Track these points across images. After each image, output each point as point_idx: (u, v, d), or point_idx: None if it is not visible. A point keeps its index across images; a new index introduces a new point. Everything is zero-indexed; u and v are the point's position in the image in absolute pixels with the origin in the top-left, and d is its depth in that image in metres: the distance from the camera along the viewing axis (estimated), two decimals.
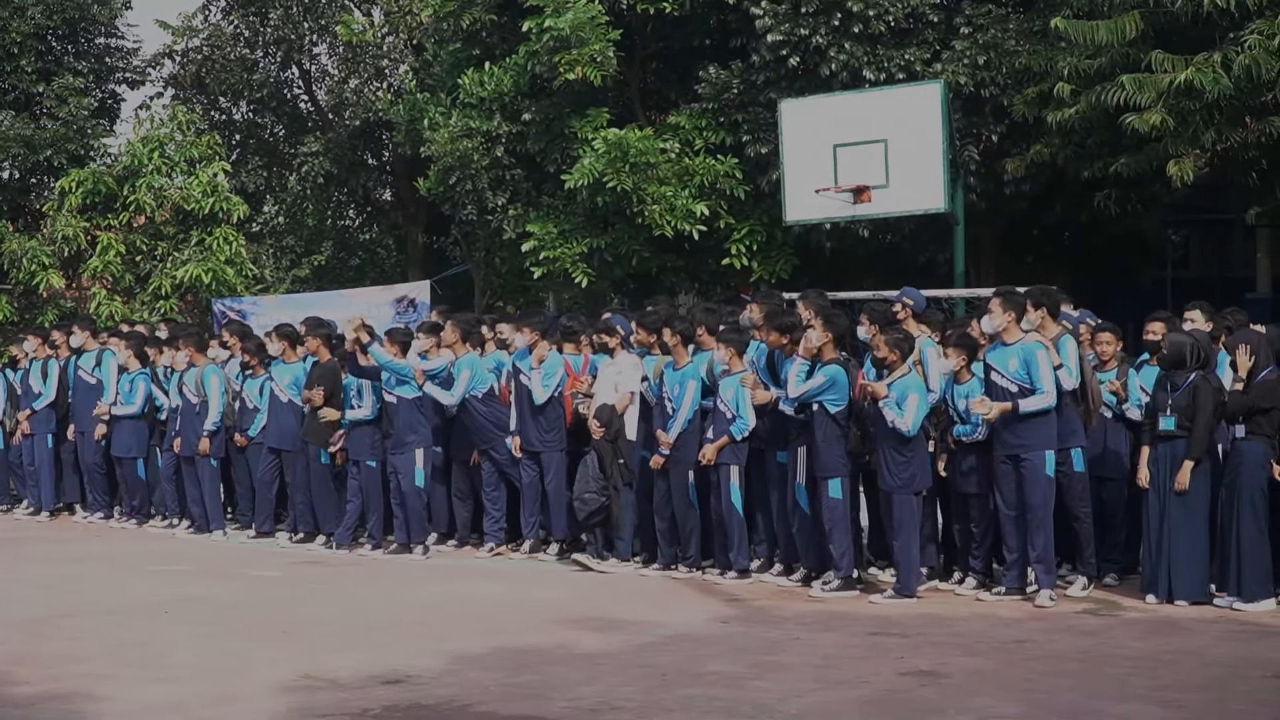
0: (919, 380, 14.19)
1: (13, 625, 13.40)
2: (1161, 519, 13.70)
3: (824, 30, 23.26)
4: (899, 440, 13.97)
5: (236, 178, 35.86)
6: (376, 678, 10.92)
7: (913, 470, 14.06)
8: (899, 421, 13.82)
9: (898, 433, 13.90)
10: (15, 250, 29.97)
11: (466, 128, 26.52)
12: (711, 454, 15.16)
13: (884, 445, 14.11)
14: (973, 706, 9.98)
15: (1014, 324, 13.96)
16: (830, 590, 14.41)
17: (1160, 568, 13.73)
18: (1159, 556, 13.74)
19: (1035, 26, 23.17)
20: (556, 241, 25.88)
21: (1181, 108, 20.14)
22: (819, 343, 14.41)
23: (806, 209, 22.31)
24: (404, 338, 17.50)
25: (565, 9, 24.28)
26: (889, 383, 14.02)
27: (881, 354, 14.27)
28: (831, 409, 14.32)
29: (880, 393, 13.94)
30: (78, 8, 34.09)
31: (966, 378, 14.25)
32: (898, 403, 13.87)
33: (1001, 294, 14.29)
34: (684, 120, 25.52)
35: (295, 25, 35.79)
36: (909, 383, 14.03)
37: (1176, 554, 13.64)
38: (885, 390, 13.94)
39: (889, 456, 14.08)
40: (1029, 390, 13.67)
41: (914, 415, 13.86)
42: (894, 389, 13.96)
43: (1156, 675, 10.94)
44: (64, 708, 10.19)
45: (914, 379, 14.12)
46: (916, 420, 13.88)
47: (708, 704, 10.10)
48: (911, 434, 13.90)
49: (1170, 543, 13.65)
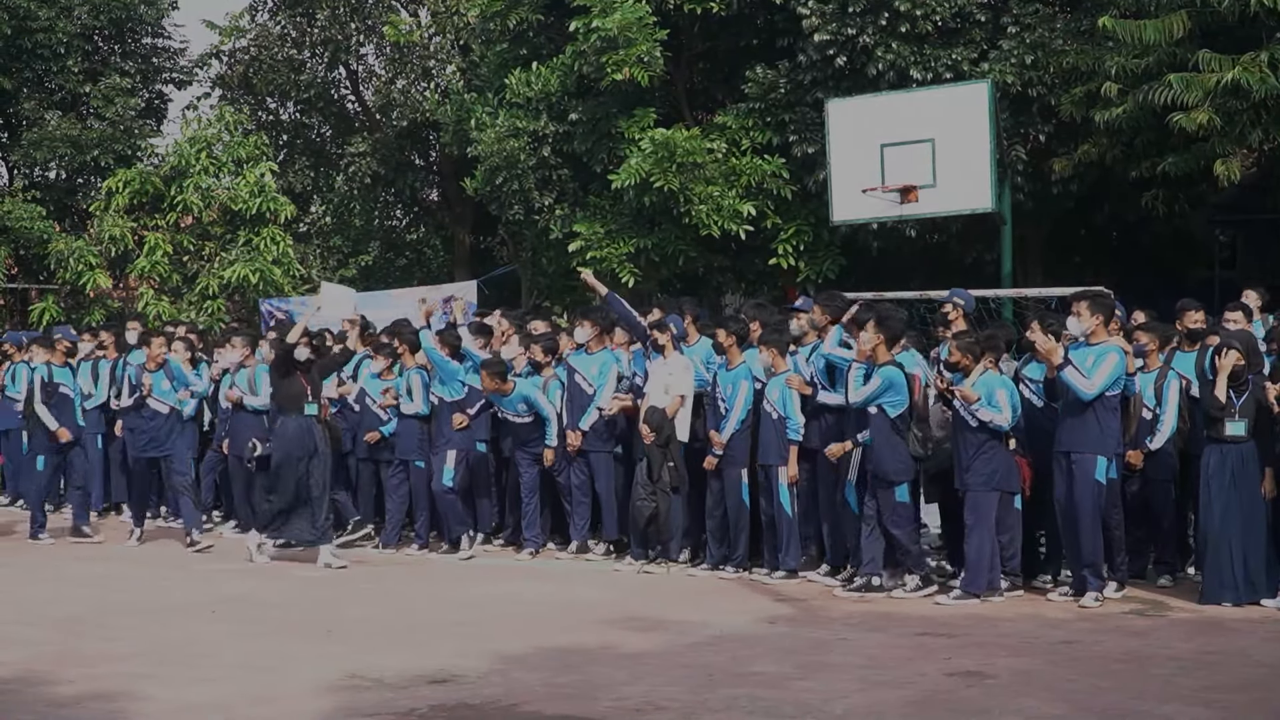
0: (1000, 376, 14.14)
1: (56, 624, 13.48)
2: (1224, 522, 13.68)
3: (871, 30, 23.22)
4: (986, 438, 13.96)
5: (283, 178, 35.94)
6: (422, 677, 10.93)
7: (994, 466, 14.00)
8: (997, 418, 13.82)
9: (986, 430, 13.91)
10: (62, 250, 30.13)
11: (513, 128, 26.57)
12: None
13: (964, 444, 14.09)
14: (1018, 707, 9.95)
15: (1102, 327, 13.86)
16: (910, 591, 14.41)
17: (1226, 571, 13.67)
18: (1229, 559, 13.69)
19: (1082, 26, 23.10)
20: (603, 241, 25.90)
21: (1228, 107, 20.08)
22: (871, 345, 14.38)
23: (853, 209, 22.28)
24: (454, 340, 17.50)
25: (612, 9, 24.30)
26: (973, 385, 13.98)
27: (954, 359, 14.26)
28: (891, 412, 14.29)
29: (972, 397, 13.87)
30: (124, 8, 34.28)
31: None
32: (989, 401, 13.86)
33: (1088, 296, 14.17)
34: (731, 120, 25.52)
35: (342, 26, 35.84)
36: (992, 380, 14.02)
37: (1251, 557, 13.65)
38: (976, 394, 13.89)
39: (968, 455, 14.06)
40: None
41: (1008, 409, 13.90)
42: (979, 389, 13.94)
43: (1201, 676, 10.89)
44: (105, 707, 10.22)
45: (994, 376, 14.09)
46: (1011, 413, 13.92)
47: (752, 704, 10.07)
48: (1008, 428, 13.94)
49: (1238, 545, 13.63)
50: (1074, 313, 14.04)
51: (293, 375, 16.99)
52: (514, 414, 17.35)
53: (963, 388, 14.09)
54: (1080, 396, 13.52)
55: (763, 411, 15.55)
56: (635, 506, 16.27)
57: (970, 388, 13.96)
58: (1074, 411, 13.67)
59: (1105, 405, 13.64)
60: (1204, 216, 27.96)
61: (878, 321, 14.51)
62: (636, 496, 16.22)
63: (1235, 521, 13.60)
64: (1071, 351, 13.86)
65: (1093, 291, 14.44)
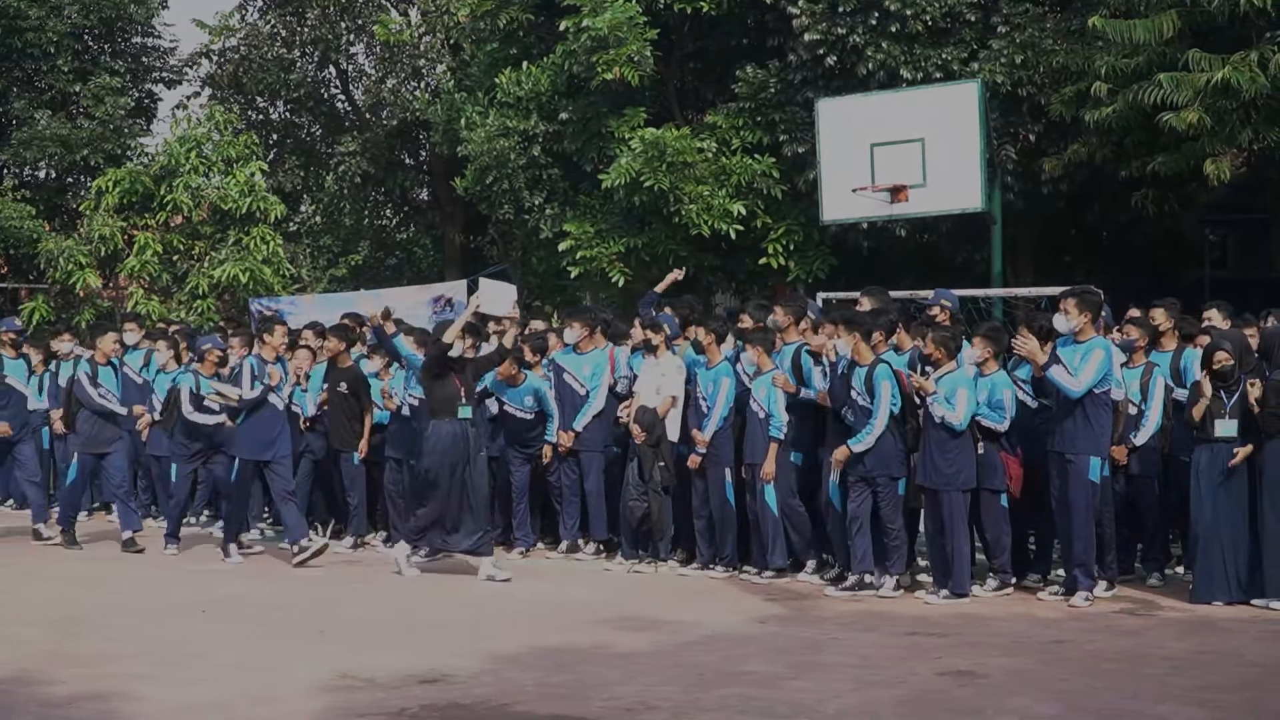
0: (968, 376, 14.14)
1: (50, 624, 13.46)
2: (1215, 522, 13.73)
3: (861, 29, 23.28)
4: (947, 436, 13.96)
5: (273, 177, 35.94)
6: (414, 677, 10.94)
7: (959, 466, 14.01)
8: (949, 416, 13.81)
9: (947, 428, 13.91)
10: (52, 250, 30.08)
11: (504, 127, 26.62)
12: (770, 469, 15.17)
13: (931, 442, 14.11)
14: (1011, 706, 9.96)
15: (1089, 324, 13.88)
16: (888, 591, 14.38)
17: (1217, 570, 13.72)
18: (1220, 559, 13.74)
19: (1073, 25, 23.17)
20: (593, 241, 25.95)
21: (1219, 107, 20.11)
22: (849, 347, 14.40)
23: (843, 208, 22.35)
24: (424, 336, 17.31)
25: (603, 9, 24.36)
26: (936, 378, 14.02)
27: (928, 351, 14.28)
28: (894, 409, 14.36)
29: (928, 388, 13.93)
30: (114, 7, 34.30)
31: (992, 369, 14.24)
32: (947, 398, 13.86)
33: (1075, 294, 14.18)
34: (721, 120, 25.57)
35: (332, 25, 35.89)
36: (958, 378, 14.02)
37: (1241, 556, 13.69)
38: (933, 386, 13.94)
39: (935, 453, 14.07)
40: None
41: (964, 410, 13.87)
42: (942, 385, 13.97)
43: (1195, 675, 10.92)
44: (100, 707, 10.22)
45: (963, 375, 14.08)
46: (966, 415, 13.89)
47: (745, 704, 10.09)
48: (961, 428, 13.89)
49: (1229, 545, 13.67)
50: (1061, 310, 14.06)
51: (447, 377, 15.99)
52: (519, 407, 17.31)
53: (918, 377, 14.21)
54: (1068, 395, 13.54)
55: (749, 410, 15.56)
56: (627, 506, 16.27)
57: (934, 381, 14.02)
58: (1066, 411, 13.68)
59: (1096, 403, 13.64)
60: (1195, 216, 28.01)
61: (845, 324, 14.54)
62: (628, 496, 16.22)
63: (1226, 521, 13.64)
64: (1060, 349, 13.87)
65: (1079, 289, 14.44)
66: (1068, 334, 13.97)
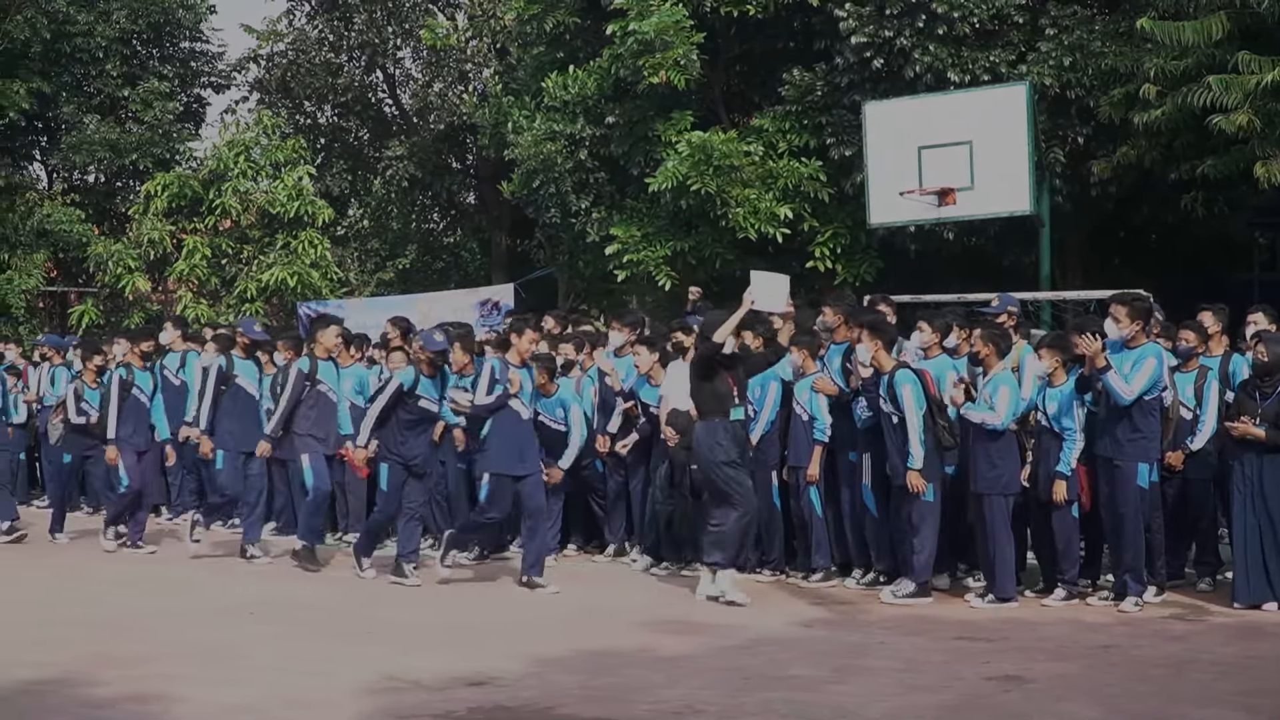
0: (1012, 377, 14.06)
1: (94, 625, 13.50)
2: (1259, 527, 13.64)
3: (908, 32, 23.20)
4: (989, 438, 13.87)
5: (321, 181, 36.10)
6: (460, 679, 10.93)
7: (1001, 469, 13.93)
8: (989, 418, 13.74)
9: (989, 431, 13.83)
10: (101, 253, 30.30)
11: (550, 131, 26.64)
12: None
13: (976, 447, 14.03)
14: (1056, 711, 9.91)
15: (1140, 331, 13.78)
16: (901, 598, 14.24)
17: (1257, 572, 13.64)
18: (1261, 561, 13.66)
19: (1121, 27, 23.03)
20: (640, 244, 25.93)
21: (1269, 109, 19.99)
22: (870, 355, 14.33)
23: (891, 211, 22.29)
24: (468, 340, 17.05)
25: (649, 12, 24.35)
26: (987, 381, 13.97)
27: (977, 348, 14.21)
28: None
29: (958, 400, 13.88)
30: (162, 12, 34.56)
31: (1061, 380, 14.09)
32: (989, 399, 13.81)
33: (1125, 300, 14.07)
34: (768, 123, 25.53)
35: (379, 30, 36.04)
36: (1001, 377, 13.97)
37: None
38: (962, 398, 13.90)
39: (978, 456, 14.00)
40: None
41: (1005, 409, 13.78)
42: (987, 385, 13.94)
43: (1241, 680, 10.86)
44: (141, 709, 10.25)
45: (1007, 374, 14.01)
46: (1008, 415, 13.81)
47: (788, 707, 10.05)
48: (1001, 428, 13.80)
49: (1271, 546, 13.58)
50: (1112, 317, 13.95)
51: (718, 376, 15.06)
52: (551, 418, 17.02)
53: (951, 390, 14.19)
54: (1119, 401, 13.45)
55: (793, 413, 15.53)
56: (654, 510, 16.29)
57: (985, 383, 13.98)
58: (1114, 417, 13.58)
59: (1145, 409, 13.53)
60: (1243, 219, 27.83)
61: (870, 330, 14.47)
62: (655, 500, 16.23)
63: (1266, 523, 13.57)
64: (1110, 355, 13.77)
65: (1129, 295, 14.34)
66: (1118, 340, 13.89)
